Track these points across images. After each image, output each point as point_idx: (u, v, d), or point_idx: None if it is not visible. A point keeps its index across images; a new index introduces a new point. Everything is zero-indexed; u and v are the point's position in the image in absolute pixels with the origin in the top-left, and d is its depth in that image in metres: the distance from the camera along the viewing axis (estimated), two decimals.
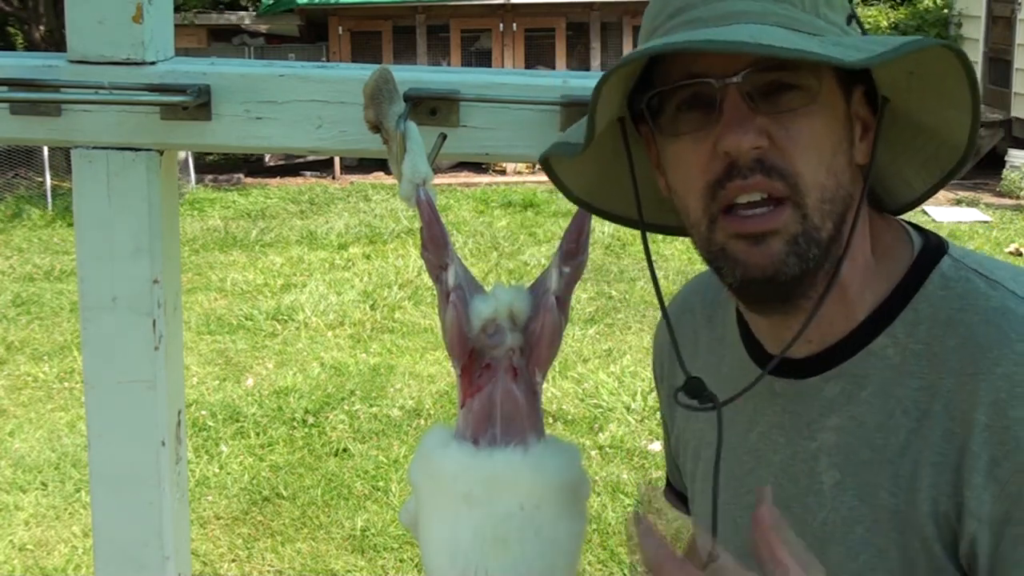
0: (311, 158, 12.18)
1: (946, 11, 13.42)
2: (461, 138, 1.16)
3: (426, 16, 12.83)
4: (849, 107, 0.87)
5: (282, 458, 4.89)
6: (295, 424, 5.25)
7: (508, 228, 9.57)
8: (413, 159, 1.00)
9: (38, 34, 12.77)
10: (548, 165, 0.95)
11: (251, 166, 12.62)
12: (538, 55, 12.88)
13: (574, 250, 1.00)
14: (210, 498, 4.51)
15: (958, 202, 10.45)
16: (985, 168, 11.04)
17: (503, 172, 12.21)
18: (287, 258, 8.64)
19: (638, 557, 0.79)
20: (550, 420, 5.09)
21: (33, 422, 5.33)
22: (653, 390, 5.36)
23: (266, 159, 12.58)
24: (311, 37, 13.55)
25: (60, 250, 9.02)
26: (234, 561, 4.06)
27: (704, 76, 0.83)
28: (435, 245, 0.99)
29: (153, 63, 1.18)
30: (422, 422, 5.22)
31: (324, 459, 4.87)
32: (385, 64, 1.33)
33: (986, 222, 9.56)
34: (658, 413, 5.64)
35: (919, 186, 0.94)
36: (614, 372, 5.72)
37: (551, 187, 1.01)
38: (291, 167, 12.68)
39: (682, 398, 0.92)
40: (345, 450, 4.95)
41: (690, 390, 0.91)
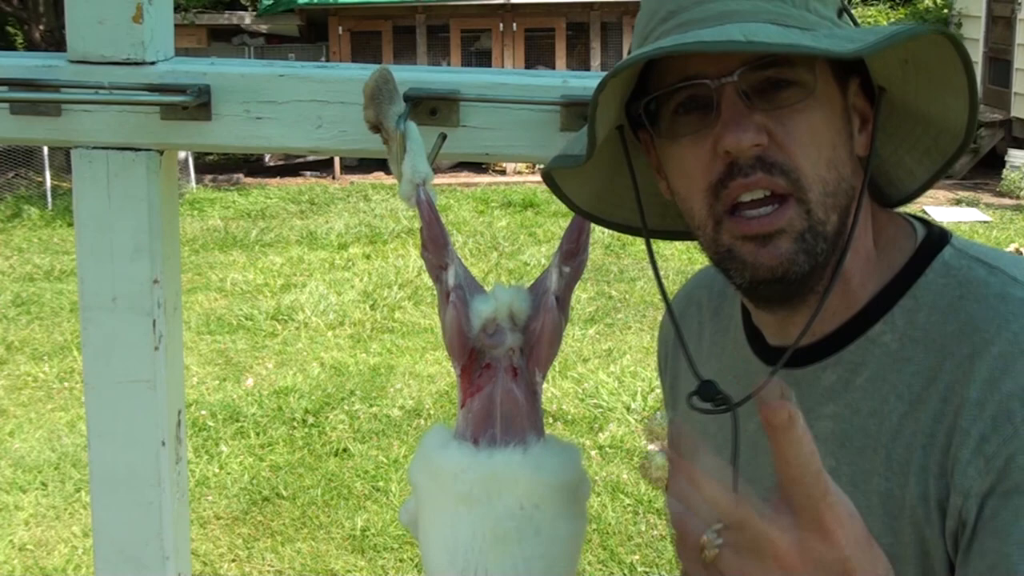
0: (311, 158, 12.19)
1: (946, 11, 13.43)
2: (461, 138, 1.16)
3: (426, 16, 12.83)
4: (846, 100, 0.88)
5: (282, 458, 4.89)
6: (295, 424, 5.25)
7: (508, 228, 9.57)
8: (413, 159, 1.00)
9: (38, 34, 12.77)
10: (550, 178, 0.95)
11: (251, 166, 12.63)
12: (538, 55, 12.88)
13: (574, 250, 1.00)
14: (210, 498, 4.51)
15: (958, 202, 10.45)
16: (985, 168, 11.05)
17: (503, 172, 12.22)
18: (287, 258, 8.64)
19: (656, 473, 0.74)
20: (550, 420, 5.08)
21: (33, 422, 5.33)
22: (653, 390, 5.36)
23: (266, 159, 12.58)
24: (311, 37, 13.55)
25: (60, 250, 9.02)
26: (234, 561, 4.06)
27: (699, 77, 0.84)
28: (435, 245, 0.99)
29: (153, 63, 1.18)
30: (422, 422, 5.22)
31: (324, 459, 4.87)
32: (385, 64, 1.33)
33: (986, 222, 9.57)
34: (658, 413, 5.60)
35: (922, 174, 0.94)
36: (614, 372, 5.72)
37: None
38: (291, 167, 12.68)
39: (696, 402, 0.92)
40: (345, 450, 4.95)
41: (703, 393, 0.91)
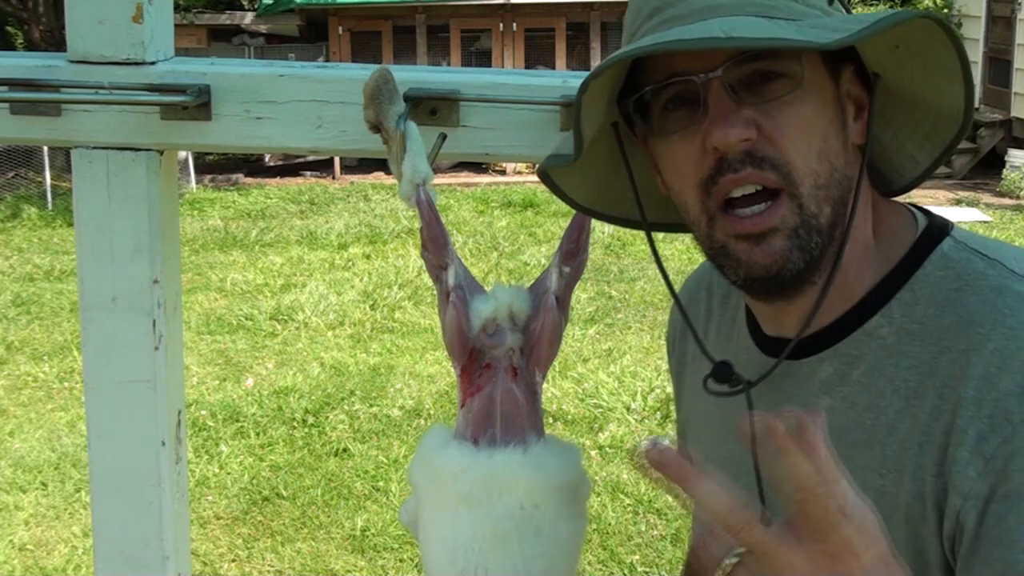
0: (311, 158, 12.19)
1: (946, 11, 13.42)
2: (461, 138, 1.16)
3: (426, 16, 12.83)
4: (839, 89, 0.86)
5: (282, 458, 4.89)
6: (295, 424, 5.25)
7: (508, 228, 9.57)
8: (413, 159, 1.00)
9: (38, 34, 12.76)
10: (547, 177, 0.95)
11: (251, 166, 12.63)
12: (538, 55, 12.88)
13: (574, 250, 1.00)
14: (210, 498, 4.51)
15: (958, 202, 10.45)
16: (985, 168, 11.05)
17: (503, 172, 12.21)
18: (287, 258, 8.64)
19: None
20: (550, 420, 5.08)
21: (33, 422, 5.33)
22: (653, 390, 5.36)
23: (266, 159, 12.58)
24: (311, 37, 13.55)
25: (60, 250, 9.02)
26: (234, 561, 4.06)
27: (685, 74, 0.83)
28: (435, 245, 0.99)
29: (153, 63, 1.17)
30: (422, 422, 5.22)
31: (324, 459, 4.87)
32: (385, 64, 1.33)
33: (986, 222, 9.56)
34: (657, 413, 5.58)
35: (923, 159, 0.93)
36: (614, 372, 5.72)
37: None
38: (291, 167, 12.68)
39: (712, 385, 0.91)
40: (345, 450, 4.95)
41: (718, 375, 0.91)
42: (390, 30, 12.88)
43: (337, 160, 12.31)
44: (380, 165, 8.14)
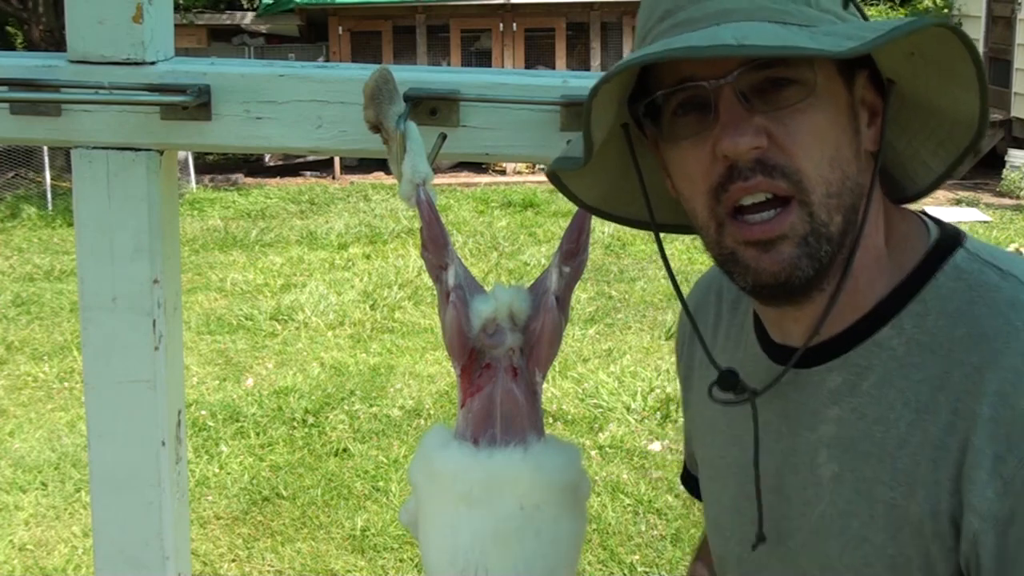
0: (311, 158, 12.19)
1: (946, 11, 13.41)
2: (461, 138, 1.16)
3: (426, 16, 12.83)
4: (852, 95, 0.86)
5: (282, 458, 4.88)
6: (295, 424, 5.24)
7: (508, 228, 9.57)
8: (413, 159, 1.00)
9: (38, 34, 12.76)
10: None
11: (251, 166, 12.62)
12: (538, 55, 12.88)
13: (574, 250, 1.00)
14: (210, 498, 4.51)
15: (958, 202, 10.45)
16: (985, 168, 11.04)
17: (503, 172, 12.21)
18: (287, 258, 8.64)
19: None
20: (550, 420, 5.08)
21: (33, 422, 5.33)
22: (653, 390, 5.36)
23: (266, 159, 12.58)
24: (311, 37, 13.55)
25: (60, 250, 9.02)
26: (234, 561, 4.06)
27: (696, 79, 0.82)
28: (435, 245, 0.99)
29: (153, 63, 1.18)
30: (422, 422, 5.22)
31: (324, 459, 4.87)
32: (385, 64, 1.33)
33: (986, 222, 9.56)
34: (657, 413, 5.58)
35: (937, 166, 0.92)
36: (614, 372, 5.71)
37: (551, 187, 1.00)
38: (291, 167, 12.68)
39: (717, 393, 0.91)
40: (345, 450, 4.95)
41: (723, 383, 0.90)
42: (390, 30, 12.88)
43: (337, 160, 12.30)
44: (380, 165, 8.14)
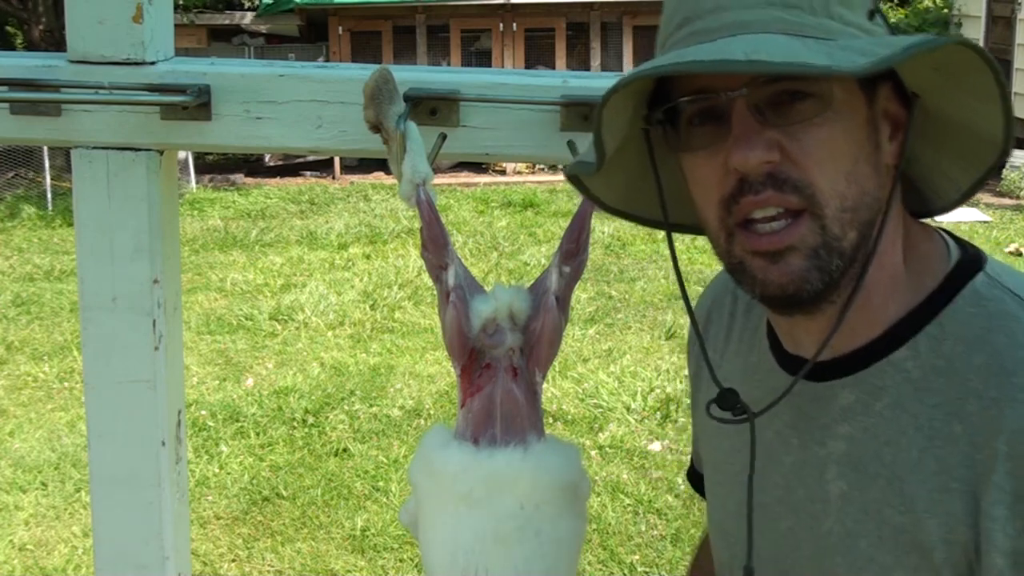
0: (311, 158, 12.19)
1: (946, 11, 13.41)
2: (461, 138, 1.16)
3: (426, 16, 12.83)
4: (873, 109, 0.84)
5: (282, 458, 4.88)
6: (295, 424, 5.24)
7: (508, 228, 9.56)
8: (413, 159, 1.00)
9: (38, 34, 12.76)
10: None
11: (251, 166, 12.63)
12: (538, 55, 12.88)
13: (574, 250, 1.00)
14: (210, 498, 4.51)
15: None
16: None
17: (503, 172, 12.21)
18: (287, 258, 8.64)
19: None
20: (550, 420, 5.08)
21: (33, 422, 5.33)
22: (653, 390, 5.36)
23: (266, 159, 12.58)
24: (311, 37, 13.55)
25: (60, 250, 9.02)
26: (234, 561, 4.06)
27: (709, 90, 0.82)
28: (435, 245, 0.99)
29: (153, 63, 1.18)
30: (422, 422, 5.22)
31: (324, 459, 4.87)
32: (385, 64, 1.33)
33: (986, 222, 9.56)
34: (657, 413, 5.58)
35: (964, 182, 0.91)
36: (614, 372, 5.71)
37: (551, 187, 1.00)
38: (291, 167, 12.68)
39: (714, 411, 0.91)
40: (345, 450, 4.95)
41: (722, 402, 0.90)
42: (390, 30, 12.88)
43: (337, 160, 12.30)
44: (380, 165, 8.14)
